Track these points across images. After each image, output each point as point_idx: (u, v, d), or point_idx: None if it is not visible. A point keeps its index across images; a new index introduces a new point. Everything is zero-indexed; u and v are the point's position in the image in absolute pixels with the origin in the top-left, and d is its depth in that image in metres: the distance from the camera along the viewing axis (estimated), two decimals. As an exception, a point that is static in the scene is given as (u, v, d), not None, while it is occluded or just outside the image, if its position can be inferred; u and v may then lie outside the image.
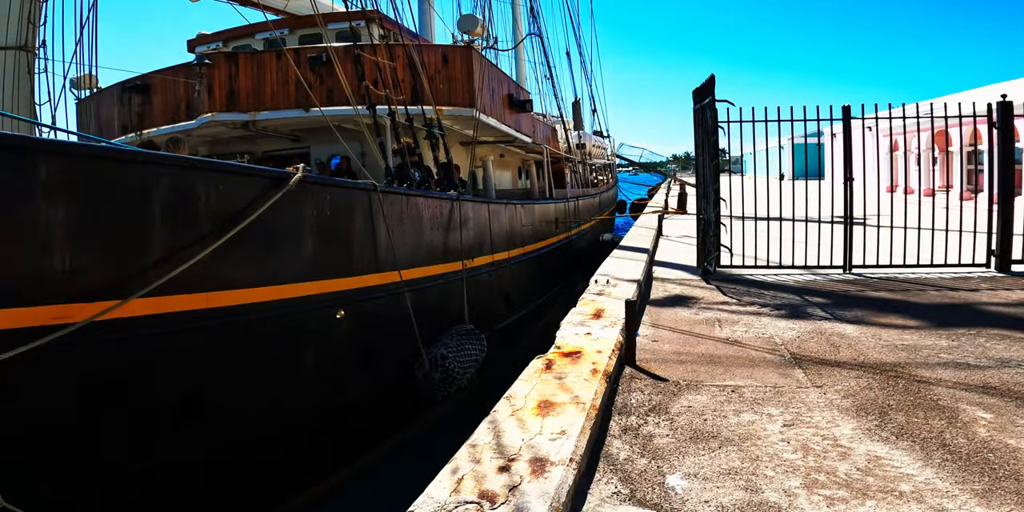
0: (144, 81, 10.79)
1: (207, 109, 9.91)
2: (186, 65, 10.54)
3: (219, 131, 10.72)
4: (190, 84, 10.19)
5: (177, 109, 10.52)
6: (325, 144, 11.41)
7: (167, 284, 4.05)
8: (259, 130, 10.65)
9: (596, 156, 28.05)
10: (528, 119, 14.46)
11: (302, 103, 9.85)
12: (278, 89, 10.02)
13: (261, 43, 11.97)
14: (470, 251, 8.61)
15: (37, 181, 3.55)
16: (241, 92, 9.94)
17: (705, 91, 8.38)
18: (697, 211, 9.09)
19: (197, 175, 4.40)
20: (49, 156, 3.60)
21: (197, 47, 12.48)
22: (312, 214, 5.42)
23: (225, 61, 9.97)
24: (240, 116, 10.01)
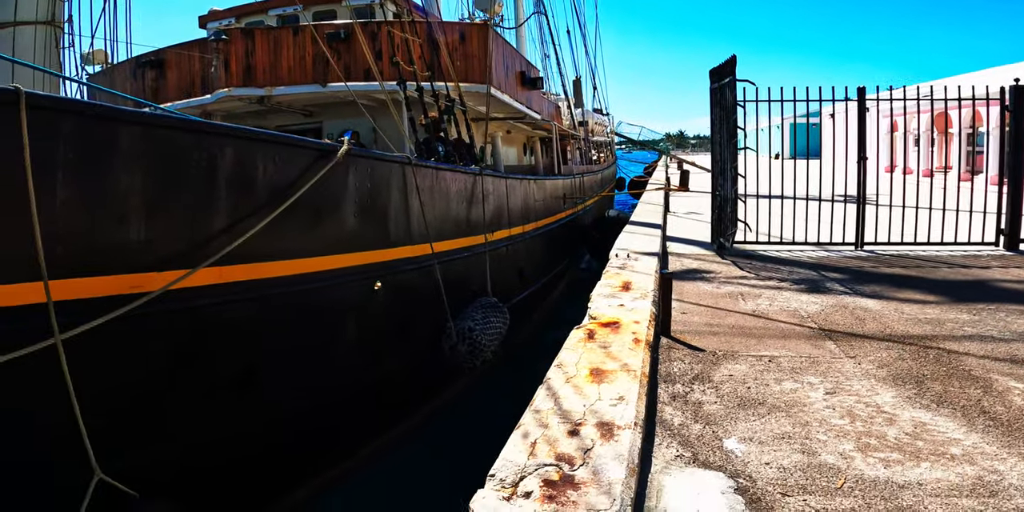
0: (158, 56, 10.79)
1: (223, 84, 9.94)
2: (201, 41, 10.56)
3: (234, 106, 10.74)
4: (205, 59, 10.20)
5: (192, 84, 10.55)
6: (337, 119, 11.45)
7: (227, 254, 4.15)
8: (273, 105, 10.67)
9: (597, 134, 28.07)
10: (538, 96, 14.54)
11: (319, 78, 9.89)
12: (295, 64, 10.05)
13: (274, 19, 11.97)
14: (490, 225, 8.73)
15: (119, 150, 3.62)
16: (258, 67, 9.98)
17: (724, 71, 8.47)
18: (712, 188, 9.20)
19: (257, 146, 4.48)
20: (130, 126, 3.67)
21: (209, 23, 12.46)
22: (354, 186, 5.52)
23: (242, 37, 10.02)
24: (256, 91, 10.06)
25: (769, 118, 8.53)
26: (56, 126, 3.35)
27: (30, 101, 3.15)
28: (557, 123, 17.31)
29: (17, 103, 3.10)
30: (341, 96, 10.32)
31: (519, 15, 24.71)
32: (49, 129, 3.32)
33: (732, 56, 8.34)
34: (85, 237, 3.56)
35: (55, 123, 3.35)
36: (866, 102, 8.78)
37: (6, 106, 3.11)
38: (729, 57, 8.40)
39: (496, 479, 2.78)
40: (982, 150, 20.45)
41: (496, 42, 10.88)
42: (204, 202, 4.17)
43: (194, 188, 4.09)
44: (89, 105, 3.60)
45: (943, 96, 8.88)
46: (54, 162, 3.35)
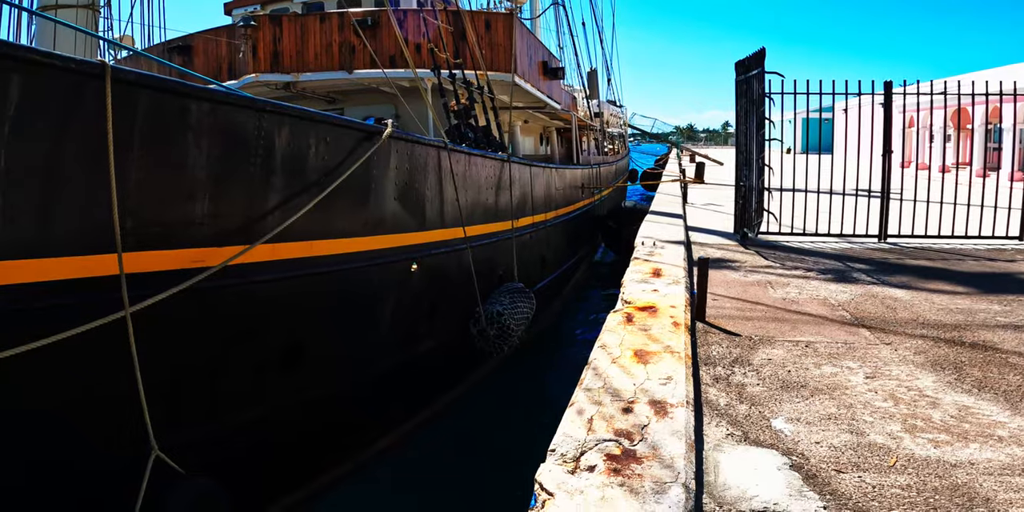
0: (186, 42, 10.88)
1: (251, 70, 10.05)
2: (229, 27, 10.68)
3: (259, 91, 10.79)
4: (232, 45, 10.29)
5: (219, 69, 10.63)
6: (359, 106, 11.57)
7: (281, 231, 4.23)
8: (298, 91, 10.79)
9: (612, 125, 28.08)
10: (558, 86, 14.60)
11: (345, 65, 9.96)
12: (321, 51, 10.17)
13: (300, 6, 12.05)
14: (516, 211, 8.81)
15: (189, 125, 3.69)
16: (285, 54, 10.10)
17: (752, 63, 8.51)
18: (736, 178, 9.24)
19: (311, 126, 4.55)
20: (200, 102, 3.73)
21: (235, 10, 12.58)
22: (395, 168, 5.60)
23: (269, 23, 10.12)
24: (283, 77, 10.19)
25: (781, 113, 8.56)
26: (135, 100, 3.42)
27: (115, 74, 3.21)
28: (574, 113, 17.36)
29: (103, 76, 3.16)
30: (364, 83, 10.43)
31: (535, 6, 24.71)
32: (129, 103, 3.38)
33: (761, 49, 8.37)
34: (154, 211, 3.63)
35: (135, 97, 3.41)
36: (892, 96, 8.79)
37: (93, 78, 3.17)
38: (758, 49, 8.43)
39: (557, 454, 2.85)
40: (999, 146, 20.49)
41: (520, 31, 10.96)
42: (261, 179, 4.25)
43: (253, 164, 4.17)
44: (165, 80, 3.66)
45: (970, 91, 8.87)
46: (131, 135, 3.42)
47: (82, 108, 3.23)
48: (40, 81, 3.10)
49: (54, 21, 5.80)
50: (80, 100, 3.23)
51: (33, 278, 3.16)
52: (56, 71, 3.14)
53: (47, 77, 3.12)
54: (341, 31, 10.05)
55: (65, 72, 3.16)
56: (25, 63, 3.03)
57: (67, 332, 3.08)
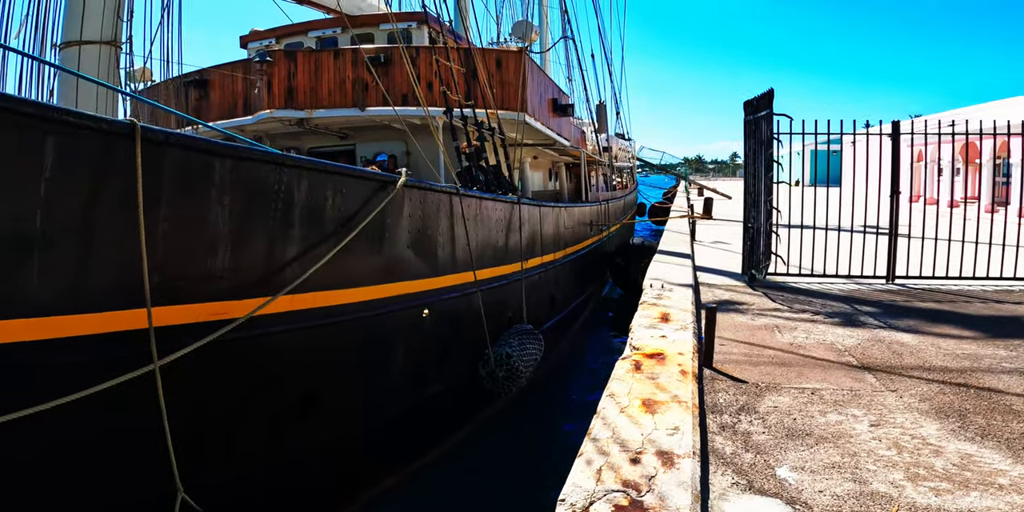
0: (202, 76, 11.07)
1: (266, 105, 10.24)
2: (244, 61, 10.88)
3: (273, 127, 11.02)
4: (248, 80, 10.50)
5: (234, 104, 10.84)
6: (371, 142, 11.73)
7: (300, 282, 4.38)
8: (312, 127, 10.94)
9: (620, 159, 28.34)
10: (567, 123, 14.79)
11: (357, 102, 10.16)
12: (335, 87, 10.35)
13: (314, 41, 12.29)
14: (526, 252, 8.94)
15: (213, 182, 3.86)
16: (299, 90, 10.27)
17: (760, 104, 8.65)
18: (744, 220, 9.36)
19: (327, 178, 4.73)
20: (224, 159, 3.91)
21: (250, 43, 12.79)
22: (408, 215, 5.76)
23: (284, 59, 10.31)
24: (297, 113, 10.35)
25: (790, 150, 8.71)
26: (163, 158, 3.59)
27: (144, 134, 3.39)
28: (583, 149, 17.56)
29: (134, 136, 3.34)
30: (376, 120, 10.59)
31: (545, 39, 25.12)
32: (157, 160, 3.55)
33: (769, 89, 8.52)
34: (179, 265, 3.79)
35: (162, 155, 3.58)
36: (900, 136, 8.93)
37: (123, 138, 3.34)
38: (766, 90, 8.58)
39: (567, 504, 2.94)
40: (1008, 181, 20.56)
41: (531, 69, 11.16)
42: (281, 231, 4.41)
43: (273, 218, 4.33)
44: (191, 138, 3.84)
45: (978, 127, 9.00)
46: (159, 191, 3.59)
47: (112, 166, 3.40)
48: (73, 141, 3.27)
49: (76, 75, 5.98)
50: (111, 158, 3.39)
51: (67, 333, 3.31)
52: (88, 132, 3.31)
53: (80, 138, 3.29)
54: (354, 68, 10.24)
55: (97, 133, 3.33)
56: (59, 124, 3.20)
57: (99, 385, 3.22)
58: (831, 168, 28.99)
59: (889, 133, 8.87)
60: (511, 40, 17.61)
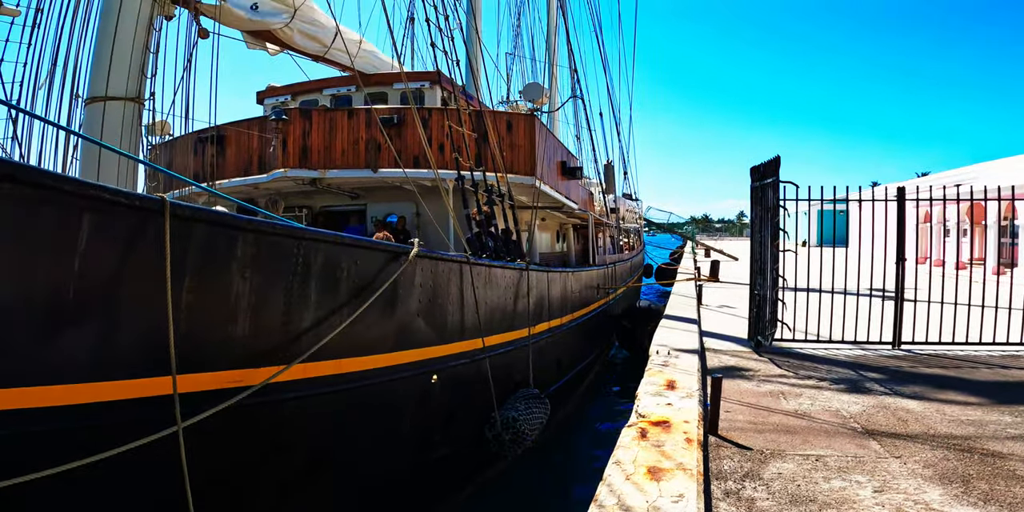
0: (219, 132, 11.18)
1: (280, 164, 10.37)
2: (261, 119, 11.08)
3: (286, 185, 11.12)
4: (264, 138, 10.67)
5: (249, 161, 10.99)
6: (382, 202, 11.88)
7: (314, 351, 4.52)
8: (324, 187, 11.07)
9: (627, 220, 28.60)
10: (576, 185, 14.98)
11: (370, 163, 10.32)
12: (348, 148, 10.51)
13: (328, 99, 12.55)
14: (534, 318, 9.05)
15: (235, 255, 4.05)
16: (313, 149, 10.42)
17: (767, 171, 8.80)
18: (751, 286, 9.47)
19: (343, 250, 4.92)
20: (246, 233, 4.11)
21: (266, 99, 13.08)
22: (419, 285, 5.93)
23: (300, 117, 10.48)
24: (311, 173, 10.47)
25: (796, 212, 8.85)
26: (189, 232, 3.79)
27: (172, 210, 3.59)
28: (591, 211, 17.76)
29: (163, 212, 3.54)
30: (388, 181, 10.72)
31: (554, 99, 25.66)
32: (184, 235, 3.75)
33: (776, 157, 8.67)
34: (201, 335, 3.94)
35: (189, 230, 3.78)
36: (906, 203, 9.09)
37: (154, 214, 3.54)
38: (773, 157, 8.73)
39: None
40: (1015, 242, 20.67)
41: (541, 132, 11.36)
42: (298, 302, 4.57)
43: (290, 288, 4.50)
44: (216, 214, 4.04)
45: (982, 193, 9.16)
46: (184, 264, 3.77)
47: (142, 239, 3.59)
48: (108, 217, 3.46)
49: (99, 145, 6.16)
50: (141, 233, 3.58)
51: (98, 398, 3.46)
52: (122, 208, 3.51)
53: (114, 214, 3.48)
54: (368, 128, 10.39)
55: (130, 209, 3.53)
56: (96, 201, 3.40)
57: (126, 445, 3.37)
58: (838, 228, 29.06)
59: (894, 198, 9.02)
60: (521, 99, 17.92)
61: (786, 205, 8.73)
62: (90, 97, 7.13)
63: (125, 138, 7.21)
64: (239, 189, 10.94)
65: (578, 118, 23.99)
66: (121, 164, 6.96)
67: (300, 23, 11.08)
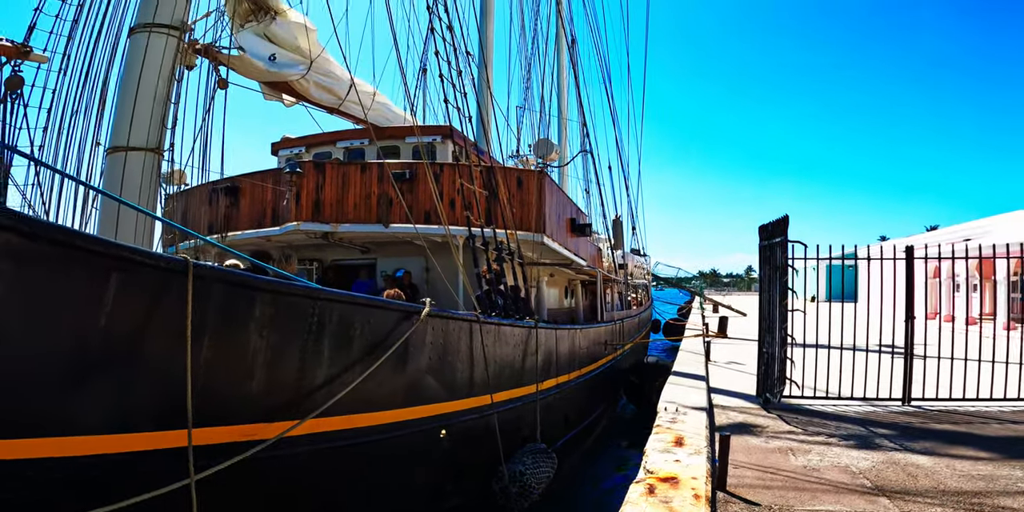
0: (233, 183, 11.31)
1: (293, 217, 10.42)
2: (275, 171, 11.19)
3: (299, 238, 11.17)
4: (277, 191, 10.77)
5: (263, 214, 11.07)
6: (392, 256, 11.89)
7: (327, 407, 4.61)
8: (336, 240, 11.13)
9: (636, 276, 28.64)
10: (585, 242, 15.07)
11: (382, 218, 10.37)
12: (360, 202, 10.57)
13: (342, 152, 12.69)
14: (541, 374, 9.08)
15: (252, 314, 4.18)
16: (326, 203, 10.48)
17: (775, 230, 8.88)
18: (760, 344, 9.48)
19: (357, 309, 5.05)
20: (263, 292, 4.25)
21: (280, 150, 13.25)
22: (430, 342, 6.04)
23: (314, 171, 10.56)
24: (323, 227, 10.50)
25: (805, 272, 8.89)
26: (210, 292, 3.92)
27: (195, 271, 3.73)
28: (600, 268, 17.83)
29: (186, 272, 3.68)
30: (398, 236, 10.75)
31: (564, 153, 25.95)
32: (205, 294, 3.87)
33: (784, 216, 8.74)
34: (218, 390, 4.04)
35: (209, 289, 3.92)
36: (915, 261, 9.15)
37: (177, 274, 3.68)
38: (781, 217, 8.83)
39: None
40: (1024, 298, 20.64)
41: (550, 189, 11.46)
42: (312, 359, 4.68)
43: (305, 346, 4.62)
44: (237, 274, 4.19)
45: (991, 250, 9.21)
46: (204, 322, 3.89)
47: (165, 297, 3.71)
48: (133, 277, 3.60)
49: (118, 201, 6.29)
50: (165, 291, 3.72)
51: (115, 450, 3.54)
52: (147, 268, 3.65)
53: (139, 273, 3.62)
54: (380, 183, 10.47)
55: (155, 269, 3.67)
56: (123, 261, 3.54)
57: (142, 495, 3.42)
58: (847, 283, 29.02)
59: (903, 257, 9.09)
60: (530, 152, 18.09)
61: (795, 264, 8.78)
62: (112, 147, 7.22)
63: (144, 188, 7.22)
64: (252, 241, 11.04)
65: (587, 172, 24.27)
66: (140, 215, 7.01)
67: (316, 75, 11.21)
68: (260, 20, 10.34)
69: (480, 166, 9.87)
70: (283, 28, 10.44)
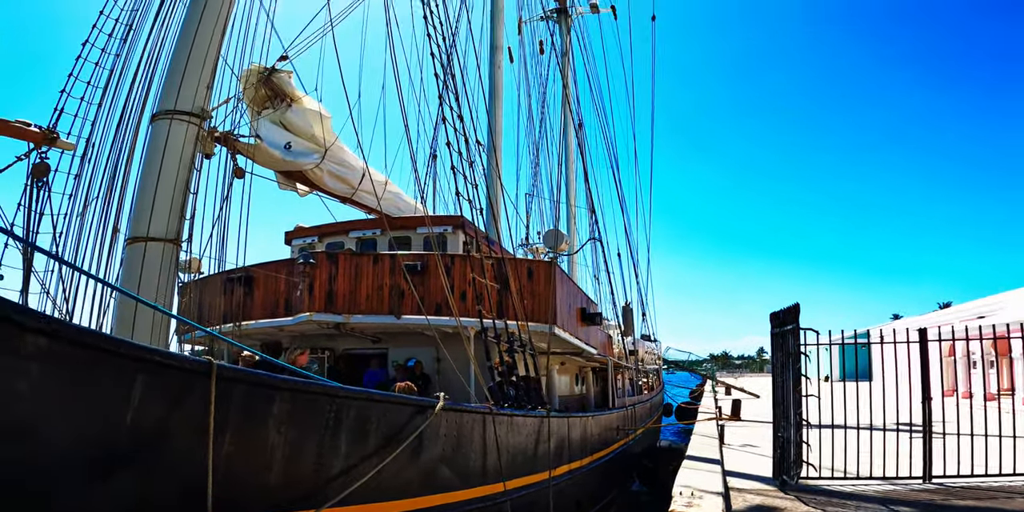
0: (248, 273, 11.24)
1: (306, 308, 10.39)
2: (289, 261, 11.29)
3: (311, 328, 11.11)
4: (291, 281, 10.78)
5: (276, 304, 11.08)
6: (403, 346, 11.80)
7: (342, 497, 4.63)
8: (348, 330, 11.10)
9: (646, 361, 28.39)
10: (595, 330, 14.99)
11: (394, 309, 10.36)
12: (372, 293, 10.56)
13: (354, 242, 12.79)
14: (554, 461, 8.98)
15: (272, 411, 4.27)
16: (338, 294, 10.47)
17: (787, 317, 8.95)
18: (775, 428, 9.37)
19: (373, 405, 5.17)
20: (283, 391, 4.37)
21: (294, 240, 13.37)
22: (444, 434, 6.10)
23: (327, 261, 10.59)
24: (335, 317, 10.42)
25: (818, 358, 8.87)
26: (232, 391, 4.02)
27: (219, 372, 3.84)
28: (608, 352, 17.71)
29: (209, 374, 3.79)
30: (410, 327, 10.69)
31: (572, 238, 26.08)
32: (227, 394, 3.97)
33: (795, 304, 8.84)
34: (237, 483, 4.07)
35: (231, 390, 4.02)
36: (928, 344, 9.15)
37: (200, 375, 3.79)
38: (792, 305, 8.92)
39: None
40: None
41: (560, 279, 11.50)
42: (329, 452, 4.77)
43: (322, 440, 4.72)
44: (258, 375, 4.32)
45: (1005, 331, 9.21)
46: (226, 420, 3.97)
47: (188, 397, 3.81)
48: (159, 378, 3.70)
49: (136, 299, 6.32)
50: (188, 391, 3.81)
51: None
52: (172, 370, 3.76)
53: (165, 375, 3.73)
54: (392, 274, 10.48)
55: (180, 370, 3.78)
56: (150, 363, 3.65)
57: None
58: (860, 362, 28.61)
59: (916, 340, 9.08)
60: (539, 239, 18.11)
61: (807, 350, 8.76)
62: (132, 237, 7.25)
63: (162, 278, 7.24)
64: (265, 330, 11.07)
65: (596, 259, 24.41)
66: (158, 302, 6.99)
67: (330, 164, 11.37)
68: (276, 107, 10.59)
69: (491, 258, 9.95)
70: (299, 115, 10.65)
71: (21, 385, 3.08)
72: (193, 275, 11.64)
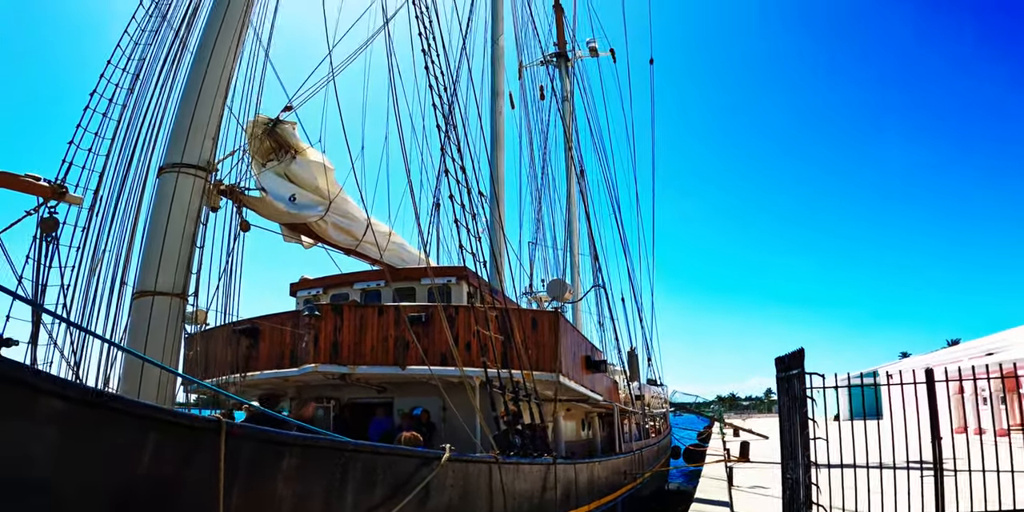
0: (253, 325, 11.34)
1: (311, 359, 10.45)
2: (294, 313, 11.35)
3: (316, 378, 11.14)
4: (296, 333, 10.83)
5: (281, 355, 11.10)
6: (408, 396, 11.81)
7: None
8: (353, 381, 11.10)
9: (653, 405, 28.11)
10: (601, 377, 14.91)
11: (398, 360, 10.38)
12: (377, 344, 10.59)
13: (358, 293, 12.82)
14: (561, 507, 8.89)
15: (281, 467, 4.32)
16: (343, 345, 10.52)
17: (792, 362, 8.93)
18: (783, 471, 9.28)
19: (379, 458, 5.22)
20: (292, 447, 4.41)
21: (299, 291, 13.38)
22: (451, 485, 6.12)
23: (332, 313, 10.66)
24: (340, 368, 10.47)
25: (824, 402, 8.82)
26: (240, 448, 4.04)
27: (228, 429, 3.87)
28: (614, 398, 17.59)
29: (219, 431, 3.82)
30: (416, 377, 10.67)
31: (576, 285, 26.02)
32: (236, 451, 3.98)
33: (800, 349, 8.80)
34: None
35: (240, 447, 4.04)
36: (935, 384, 9.09)
37: (209, 433, 3.82)
38: (796, 349, 8.88)
39: None
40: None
41: (565, 328, 11.49)
42: (336, 503, 4.77)
43: (330, 494, 4.72)
44: (267, 433, 4.36)
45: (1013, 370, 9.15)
46: (234, 477, 3.98)
47: (197, 455, 3.83)
48: (169, 437, 3.73)
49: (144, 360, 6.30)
50: (197, 449, 3.84)
51: None
52: (182, 429, 3.80)
53: (174, 434, 3.76)
54: (397, 326, 10.49)
55: (189, 429, 3.82)
56: (160, 423, 3.69)
57: None
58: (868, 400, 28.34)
59: (923, 381, 9.02)
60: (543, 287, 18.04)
61: (813, 394, 8.72)
62: (139, 291, 7.23)
63: (168, 331, 7.18)
64: (270, 381, 11.08)
65: (600, 305, 24.36)
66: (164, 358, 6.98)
67: (334, 216, 11.35)
68: (281, 159, 10.66)
69: (495, 308, 9.96)
70: (303, 167, 10.71)
71: (37, 447, 3.12)
72: (199, 327, 11.73)
